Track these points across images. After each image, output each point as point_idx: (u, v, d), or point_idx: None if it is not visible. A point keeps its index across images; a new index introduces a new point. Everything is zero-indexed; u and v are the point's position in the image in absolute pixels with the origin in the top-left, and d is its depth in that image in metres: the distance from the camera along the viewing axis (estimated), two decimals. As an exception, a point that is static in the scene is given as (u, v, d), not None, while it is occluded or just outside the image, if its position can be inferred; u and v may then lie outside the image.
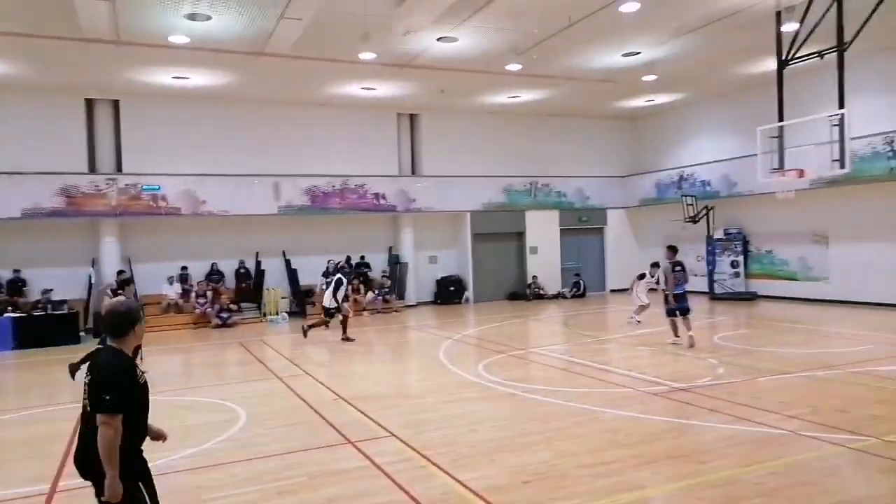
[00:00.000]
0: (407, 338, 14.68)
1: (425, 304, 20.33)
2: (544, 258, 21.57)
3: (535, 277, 21.21)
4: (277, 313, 17.66)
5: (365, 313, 18.32)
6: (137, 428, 3.43)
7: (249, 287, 18.10)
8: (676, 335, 11.37)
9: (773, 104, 13.18)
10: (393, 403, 8.15)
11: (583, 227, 22.30)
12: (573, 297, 21.26)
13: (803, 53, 12.51)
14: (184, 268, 17.76)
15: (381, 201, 19.39)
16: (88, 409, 3.30)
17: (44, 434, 7.34)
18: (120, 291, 13.52)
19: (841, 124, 11.71)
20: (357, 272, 19.20)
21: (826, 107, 12.83)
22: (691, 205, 19.02)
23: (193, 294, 17.08)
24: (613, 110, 21.64)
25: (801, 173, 12.62)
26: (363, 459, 5.92)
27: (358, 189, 19.08)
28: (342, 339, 13.27)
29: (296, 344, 13.48)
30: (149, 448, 3.56)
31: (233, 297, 17.56)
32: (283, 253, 18.69)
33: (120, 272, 13.92)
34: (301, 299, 18.36)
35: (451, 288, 20.64)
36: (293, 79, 16.15)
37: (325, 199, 18.67)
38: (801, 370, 8.94)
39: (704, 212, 18.98)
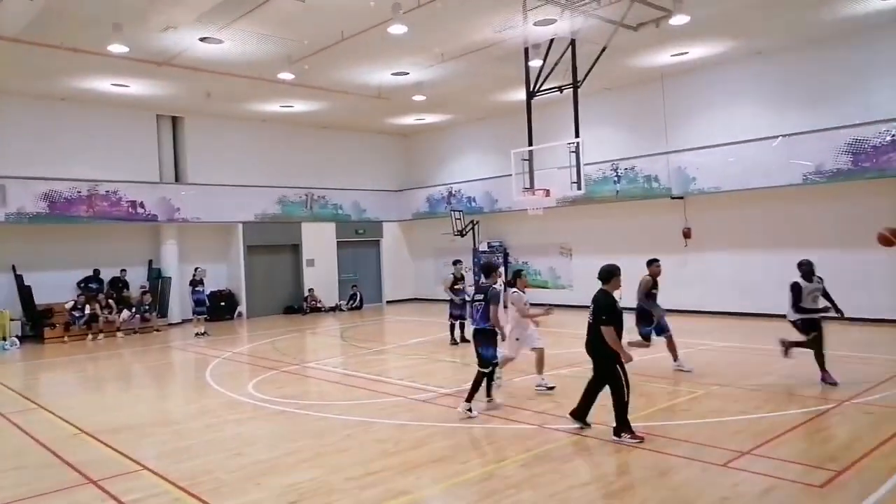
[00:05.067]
0: (169, 359, 13.49)
1: (191, 321, 18.89)
2: (321, 270, 21.39)
3: (311, 290, 20.93)
4: (5, 339, 15.04)
5: (119, 334, 16.45)
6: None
7: (-34, 309, 15.18)
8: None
9: (525, 129, 14.65)
10: (148, 433, 7.42)
11: (359, 239, 22.58)
12: (350, 309, 21.38)
13: (547, 87, 14.11)
14: None
15: (139, 210, 17.62)
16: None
17: None
18: None
19: (577, 151, 13.38)
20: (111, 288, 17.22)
21: (566, 135, 14.62)
22: (459, 219, 20.30)
23: None
24: (387, 126, 22.31)
25: (547, 193, 14.13)
26: (108, 499, 5.29)
27: (110, 196, 17.11)
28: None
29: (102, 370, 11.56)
30: None
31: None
32: (13, 267, 16.03)
33: None
34: (37, 321, 15.89)
35: (222, 303, 19.51)
36: (24, 66, 13.98)
37: (69, 207, 16.41)
38: (549, 370, 10.00)
39: (471, 226, 20.41)
